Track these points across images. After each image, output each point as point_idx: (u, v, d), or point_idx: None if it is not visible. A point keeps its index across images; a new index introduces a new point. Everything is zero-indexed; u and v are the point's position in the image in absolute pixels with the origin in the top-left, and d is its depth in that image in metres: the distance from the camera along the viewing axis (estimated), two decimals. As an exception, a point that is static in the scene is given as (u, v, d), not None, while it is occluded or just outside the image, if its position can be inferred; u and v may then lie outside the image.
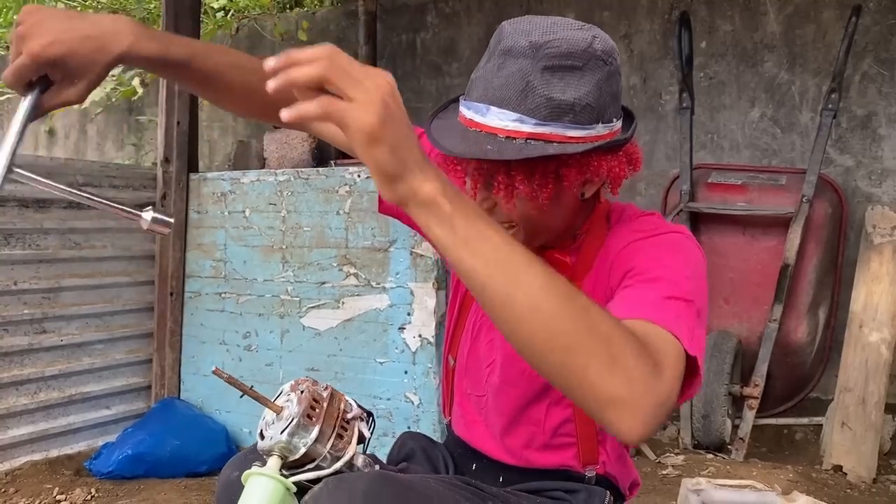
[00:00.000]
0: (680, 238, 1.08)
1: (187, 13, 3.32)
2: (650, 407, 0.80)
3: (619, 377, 0.79)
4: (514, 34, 1.01)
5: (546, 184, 1.02)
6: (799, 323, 3.18)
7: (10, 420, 2.82)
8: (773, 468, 2.80)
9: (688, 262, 1.03)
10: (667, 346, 0.87)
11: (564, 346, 0.79)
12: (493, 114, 0.99)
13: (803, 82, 3.59)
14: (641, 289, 0.97)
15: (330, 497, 0.90)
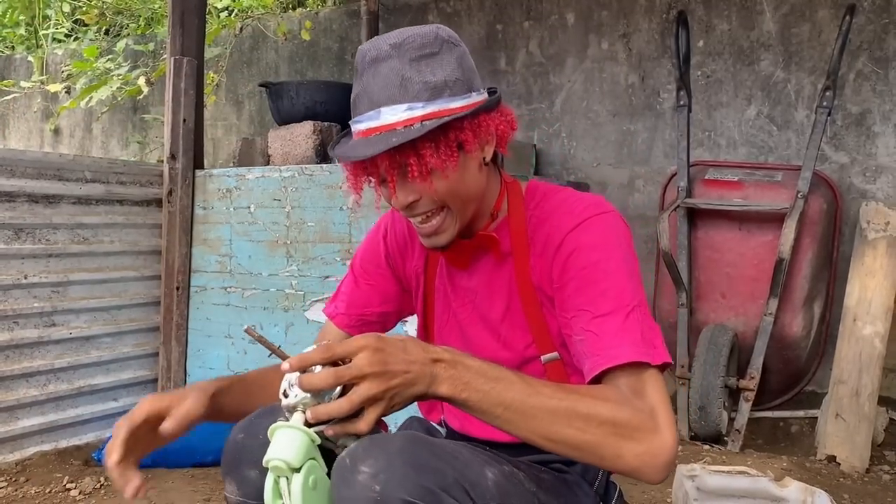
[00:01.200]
0: (604, 223, 1.19)
1: (193, 13, 3.37)
2: (662, 460, 1.00)
3: (629, 455, 1.00)
4: (373, 46, 1.15)
5: (451, 153, 1.14)
6: (794, 317, 3.23)
7: (21, 411, 2.88)
8: (767, 458, 2.86)
9: (621, 253, 1.16)
10: (651, 386, 1.06)
11: (580, 453, 1.00)
12: (384, 114, 1.12)
13: (799, 80, 3.64)
14: (602, 325, 1.11)
15: (366, 453, 0.95)
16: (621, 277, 1.13)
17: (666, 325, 3.48)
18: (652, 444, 1.00)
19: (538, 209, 1.25)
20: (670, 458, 1.00)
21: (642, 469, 1.00)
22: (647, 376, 1.06)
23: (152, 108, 5.56)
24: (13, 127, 6.55)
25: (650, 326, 1.11)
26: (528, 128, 4.30)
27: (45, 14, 6.32)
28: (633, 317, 1.10)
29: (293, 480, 0.95)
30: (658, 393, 1.05)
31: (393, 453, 0.94)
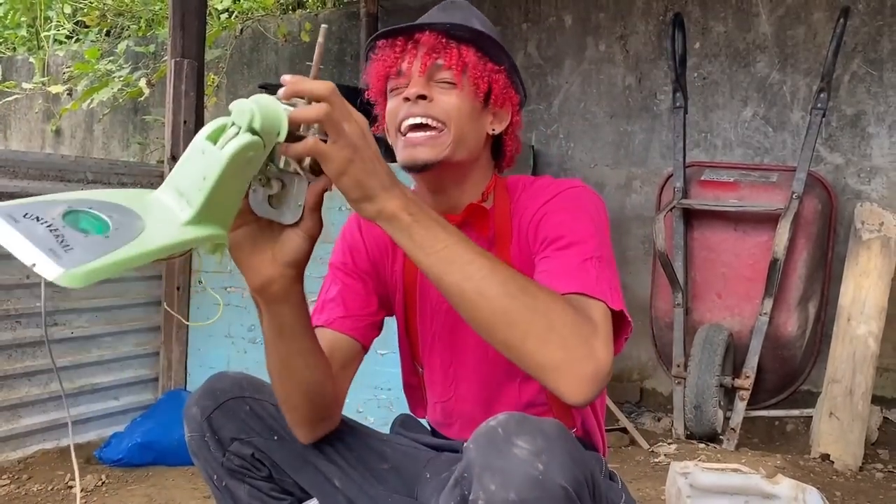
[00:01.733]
0: (575, 192, 1.22)
1: (193, 15, 3.40)
2: (588, 370, 0.95)
3: (555, 346, 0.94)
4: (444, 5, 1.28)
5: (483, 79, 1.20)
6: (789, 317, 3.26)
7: (23, 409, 2.91)
8: (762, 456, 2.89)
9: (589, 215, 1.17)
10: (596, 312, 1.02)
11: (506, 322, 0.94)
12: (456, 18, 1.21)
13: (794, 82, 3.67)
14: (559, 259, 1.11)
15: (521, 428, 0.91)
16: (586, 233, 1.13)
17: (662, 324, 3.51)
18: (582, 347, 0.95)
19: (519, 200, 1.26)
20: (596, 373, 0.95)
21: (563, 369, 0.94)
22: (595, 307, 1.03)
23: (153, 110, 5.59)
24: (14, 128, 6.58)
25: (609, 278, 1.09)
26: (527, 129, 4.32)
27: (47, 16, 6.35)
28: (591, 264, 1.08)
29: (239, 136, 0.85)
30: (604, 323, 1.01)
31: (553, 438, 0.92)
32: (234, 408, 1.23)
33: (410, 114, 1.17)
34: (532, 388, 1.27)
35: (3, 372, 2.84)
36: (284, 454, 1.23)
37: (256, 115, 0.84)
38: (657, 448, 3.08)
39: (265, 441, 1.23)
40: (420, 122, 1.17)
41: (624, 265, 4.06)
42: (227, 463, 1.21)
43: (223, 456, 1.21)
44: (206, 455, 1.22)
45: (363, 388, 2.85)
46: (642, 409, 3.79)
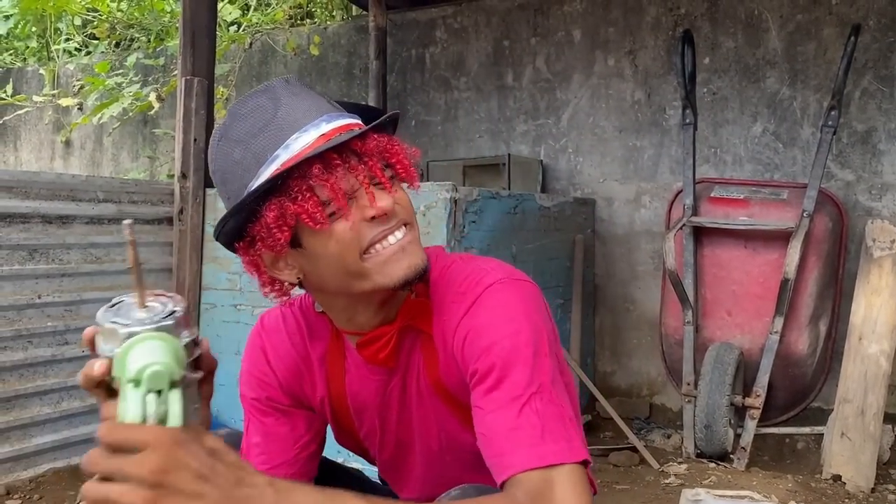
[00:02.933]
0: (494, 295, 1.04)
1: (203, 33, 3.42)
2: None
3: None
4: (260, 93, 1.01)
5: (411, 157, 1.04)
6: (800, 335, 3.25)
7: (34, 429, 2.92)
8: (773, 477, 2.87)
9: (515, 323, 1.01)
10: (558, 487, 0.89)
11: None
12: (333, 119, 0.98)
13: (805, 98, 3.66)
14: (493, 412, 0.96)
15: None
16: (517, 359, 0.98)
17: (672, 342, 3.50)
18: None
19: (435, 294, 1.09)
20: None
21: None
22: (556, 476, 0.90)
23: (162, 122, 5.61)
24: (24, 139, 6.61)
25: (556, 415, 0.95)
26: (535, 143, 4.33)
27: (57, 27, 6.39)
28: (531, 407, 0.94)
29: (172, 395, 0.75)
30: (569, 494, 0.89)
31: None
32: None
33: (386, 233, 1.00)
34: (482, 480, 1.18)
35: (15, 391, 2.85)
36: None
37: (172, 366, 0.76)
38: (667, 468, 3.06)
39: None
40: (399, 236, 1.01)
41: (633, 280, 4.05)
42: None
43: None
44: None
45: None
46: (651, 425, 3.78)
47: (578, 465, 0.92)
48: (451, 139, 4.55)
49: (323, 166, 0.95)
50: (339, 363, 1.17)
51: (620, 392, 4.07)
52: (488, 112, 4.48)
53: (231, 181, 1.00)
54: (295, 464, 1.20)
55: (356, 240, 0.99)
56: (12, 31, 6.74)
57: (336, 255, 0.99)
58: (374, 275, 1.00)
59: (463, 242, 2.88)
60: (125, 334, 0.79)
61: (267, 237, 0.98)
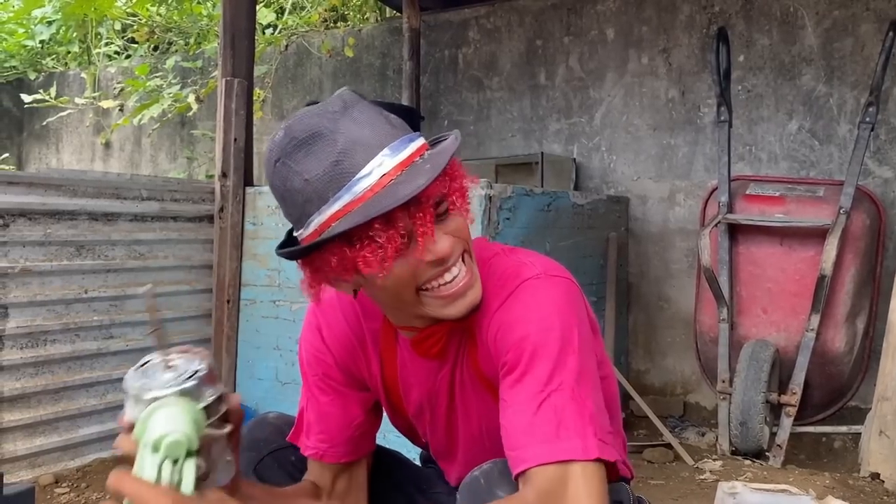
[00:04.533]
0: (529, 289, 1.05)
1: (243, 35, 3.49)
2: None
3: None
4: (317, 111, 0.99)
5: (466, 187, 1.03)
6: (836, 332, 3.23)
7: (81, 420, 3.01)
8: (810, 475, 2.86)
9: (549, 320, 1.01)
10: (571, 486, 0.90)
11: None
12: (395, 149, 0.95)
13: (841, 94, 3.64)
14: (515, 404, 0.98)
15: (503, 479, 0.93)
16: (542, 354, 0.98)
17: (706, 339, 3.50)
18: None
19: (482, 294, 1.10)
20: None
21: None
22: (569, 473, 0.91)
23: (200, 123, 5.72)
24: (66, 141, 6.78)
25: (576, 412, 0.95)
26: (568, 142, 4.34)
27: (98, 32, 6.54)
28: (549, 404, 0.95)
29: (187, 464, 0.82)
30: (581, 492, 0.90)
31: None
32: (279, 457, 1.27)
33: (444, 270, 1.00)
34: None
35: (63, 383, 2.94)
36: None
37: (191, 436, 0.82)
38: (702, 464, 3.06)
39: None
40: (461, 272, 1.02)
41: (667, 278, 4.05)
42: None
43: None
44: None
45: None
46: (686, 424, 3.78)
47: (594, 463, 0.92)
48: (483, 139, 4.59)
49: (385, 220, 0.93)
50: (391, 346, 1.20)
51: (654, 390, 4.07)
52: (521, 111, 4.50)
53: (291, 205, 0.99)
54: (350, 443, 1.24)
55: (413, 278, 1.00)
56: (54, 37, 6.91)
57: (393, 289, 1.01)
58: (429, 308, 1.03)
59: (497, 239, 2.91)
60: (149, 399, 0.85)
61: (327, 272, 1.00)
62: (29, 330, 2.83)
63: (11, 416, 2.79)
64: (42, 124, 6.63)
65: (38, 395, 2.87)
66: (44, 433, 2.89)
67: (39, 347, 2.88)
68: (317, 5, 5.56)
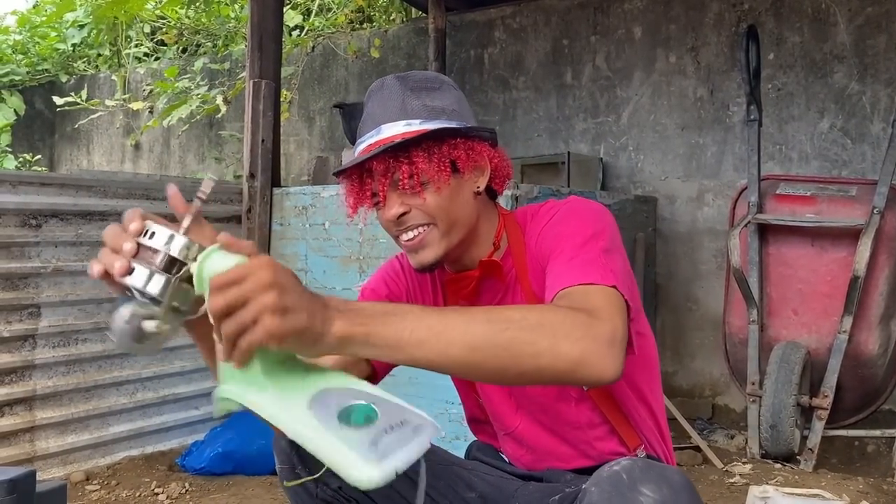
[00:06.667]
0: (570, 205, 1.25)
1: (270, 38, 3.52)
2: (603, 346, 0.94)
3: (566, 346, 0.92)
4: (380, 80, 1.27)
5: (444, 167, 1.20)
6: (870, 335, 3.17)
7: (111, 418, 3.05)
8: (842, 479, 2.81)
9: (582, 218, 1.20)
10: (587, 294, 1.04)
11: (512, 357, 0.91)
12: (384, 130, 1.21)
13: (875, 92, 3.58)
14: (553, 266, 1.14)
15: (646, 476, 0.95)
16: (576, 236, 1.15)
17: (736, 340, 3.45)
18: (590, 331, 0.94)
19: (528, 233, 1.28)
20: (610, 341, 0.95)
21: (586, 357, 0.92)
22: (592, 289, 1.04)
23: (227, 125, 5.77)
24: (96, 142, 6.88)
25: (602, 264, 1.10)
26: (595, 141, 4.32)
27: (128, 35, 6.63)
28: (579, 257, 1.11)
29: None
30: (602, 298, 1.02)
31: (678, 488, 0.94)
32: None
33: (400, 232, 1.24)
34: (586, 408, 1.28)
35: (94, 381, 2.98)
36: None
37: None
38: (731, 468, 3.03)
39: None
40: (412, 235, 1.23)
41: (696, 279, 4.01)
42: (320, 493, 1.24)
43: (316, 486, 1.24)
44: (298, 487, 1.26)
45: (434, 403, 2.89)
46: (714, 426, 3.74)
47: (612, 288, 1.05)
48: (509, 139, 4.57)
49: (347, 178, 1.25)
50: (437, 292, 1.37)
51: (682, 392, 4.03)
52: (547, 111, 4.48)
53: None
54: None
55: (388, 228, 1.26)
56: (86, 40, 7.02)
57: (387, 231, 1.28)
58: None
59: (524, 239, 2.90)
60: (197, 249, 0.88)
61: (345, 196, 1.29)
62: (61, 329, 2.88)
63: (44, 414, 2.84)
64: (73, 126, 6.74)
65: (70, 394, 2.92)
66: (75, 431, 2.94)
67: (71, 346, 2.92)
68: (343, 7, 5.58)
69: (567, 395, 1.28)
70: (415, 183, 1.18)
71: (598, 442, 1.29)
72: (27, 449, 2.80)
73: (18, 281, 2.79)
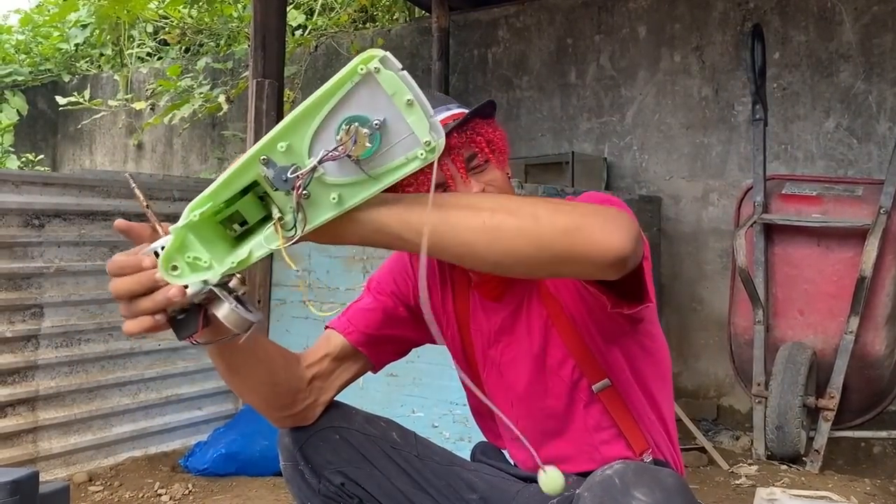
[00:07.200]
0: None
1: (273, 37, 3.50)
2: (610, 214, 0.95)
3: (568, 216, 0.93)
4: None
5: (499, 141, 1.21)
6: (876, 335, 3.15)
7: (114, 418, 3.04)
8: (849, 481, 2.80)
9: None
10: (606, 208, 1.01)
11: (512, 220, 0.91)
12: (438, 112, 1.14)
13: (881, 92, 3.56)
14: None
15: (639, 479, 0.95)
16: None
17: (741, 341, 3.44)
18: (593, 208, 0.96)
19: None
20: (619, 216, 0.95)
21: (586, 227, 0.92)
22: (609, 207, 1.03)
23: (230, 125, 5.76)
24: (99, 142, 6.87)
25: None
26: (599, 141, 4.30)
27: (131, 35, 6.62)
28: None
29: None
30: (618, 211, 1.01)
31: (671, 491, 0.94)
32: (325, 437, 1.27)
33: None
34: (595, 411, 1.27)
35: (97, 382, 2.97)
36: (374, 483, 1.26)
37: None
38: (737, 469, 3.01)
39: (355, 470, 1.25)
40: None
41: (701, 280, 3.99)
42: (323, 490, 1.24)
43: (318, 483, 1.24)
44: (301, 483, 1.26)
45: (438, 403, 2.88)
46: (719, 427, 3.72)
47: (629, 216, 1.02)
48: (512, 138, 4.54)
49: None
50: (465, 289, 1.33)
51: (687, 393, 4.01)
52: (551, 110, 4.47)
53: None
54: (373, 341, 1.32)
55: None
56: (88, 40, 7.01)
57: None
58: None
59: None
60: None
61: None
62: (64, 329, 2.87)
63: (47, 415, 2.83)
64: (76, 126, 6.73)
65: (73, 394, 2.91)
66: (78, 431, 2.92)
67: (74, 346, 2.91)
68: (346, 6, 5.57)
69: (577, 398, 1.27)
70: (489, 154, 1.18)
71: (604, 446, 1.27)
72: (30, 450, 2.79)
73: (21, 281, 2.78)
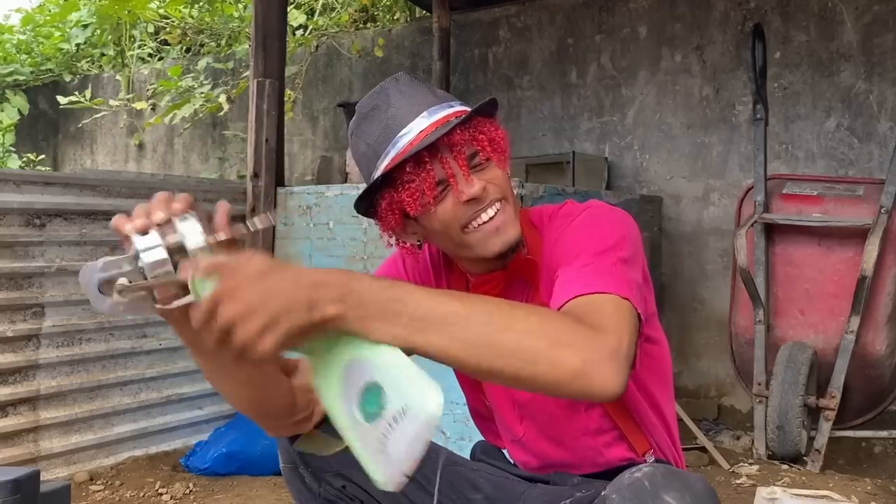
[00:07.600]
0: (592, 211, 1.20)
1: (274, 37, 3.50)
2: (606, 360, 0.89)
3: (565, 355, 0.88)
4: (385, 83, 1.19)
5: (500, 140, 1.18)
6: (877, 335, 3.15)
7: (115, 418, 3.04)
8: (850, 480, 2.80)
9: (603, 226, 1.15)
10: (598, 305, 0.98)
11: (508, 360, 0.87)
12: (433, 113, 1.14)
13: (882, 91, 3.56)
14: (565, 272, 1.09)
15: (668, 483, 0.94)
16: (595, 244, 1.10)
17: (742, 341, 3.44)
18: (593, 342, 0.90)
19: (546, 236, 1.23)
20: (614, 354, 0.90)
21: (586, 368, 0.87)
22: (601, 299, 0.99)
23: (231, 124, 5.76)
24: (100, 142, 6.88)
25: (620, 273, 1.05)
26: (600, 141, 4.30)
27: (132, 35, 6.62)
28: (592, 265, 1.06)
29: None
30: (611, 309, 0.98)
31: (703, 496, 0.94)
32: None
33: (477, 213, 1.15)
34: (596, 415, 1.26)
35: (98, 381, 2.97)
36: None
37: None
38: (738, 468, 3.01)
39: (357, 472, 1.25)
40: (493, 213, 1.15)
41: (702, 279, 3.99)
42: (323, 493, 1.23)
43: (319, 486, 1.23)
44: (300, 486, 1.25)
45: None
46: (720, 427, 3.72)
47: (625, 300, 1.00)
48: (513, 138, 4.52)
49: (415, 163, 1.12)
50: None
51: (688, 393, 4.01)
52: (552, 110, 4.47)
53: (363, 168, 1.20)
54: None
55: (455, 219, 1.16)
56: (89, 40, 7.01)
57: (442, 230, 1.17)
58: (474, 246, 1.18)
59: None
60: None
61: (385, 218, 1.19)
62: (65, 329, 2.87)
63: (48, 414, 2.83)
64: (77, 126, 6.73)
65: (74, 394, 2.91)
66: (79, 431, 2.93)
67: (75, 346, 2.92)
68: (346, 6, 5.57)
69: (576, 404, 1.26)
70: (498, 150, 1.16)
71: (606, 449, 1.27)
72: (31, 449, 2.79)
73: (22, 280, 2.78)
